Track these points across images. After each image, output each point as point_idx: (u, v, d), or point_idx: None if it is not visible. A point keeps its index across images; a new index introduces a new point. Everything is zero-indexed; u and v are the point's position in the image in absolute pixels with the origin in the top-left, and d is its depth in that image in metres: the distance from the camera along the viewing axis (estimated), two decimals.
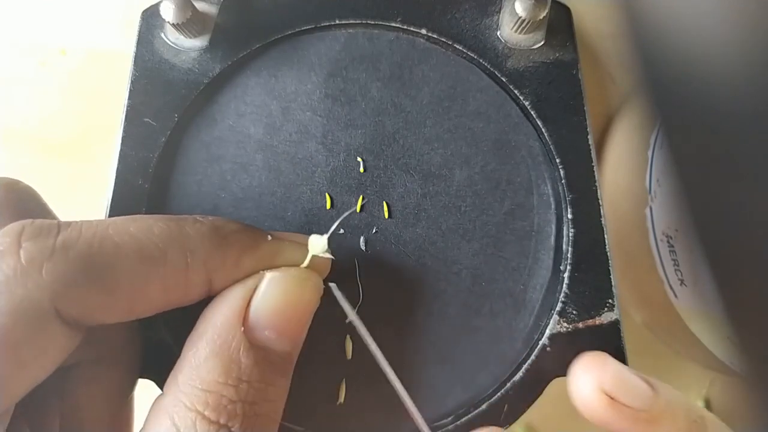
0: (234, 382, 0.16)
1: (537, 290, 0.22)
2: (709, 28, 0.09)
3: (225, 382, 0.16)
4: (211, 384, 0.16)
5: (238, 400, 0.16)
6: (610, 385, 0.18)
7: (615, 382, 0.18)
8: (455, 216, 0.22)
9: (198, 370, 0.16)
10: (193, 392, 0.16)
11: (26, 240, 0.15)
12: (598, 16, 0.31)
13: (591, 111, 0.23)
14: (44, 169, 0.31)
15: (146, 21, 0.24)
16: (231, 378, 0.16)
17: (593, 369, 0.19)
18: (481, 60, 0.24)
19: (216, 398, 0.16)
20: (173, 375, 0.17)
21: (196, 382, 0.16)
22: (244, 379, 0.16)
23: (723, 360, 0.26)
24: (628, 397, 0.18)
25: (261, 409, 0.17)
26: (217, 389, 0.16)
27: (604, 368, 0.18)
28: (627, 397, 0.18)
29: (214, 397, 0.16)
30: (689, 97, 0.09)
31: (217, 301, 0.18)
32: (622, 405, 0.18)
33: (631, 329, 0.19)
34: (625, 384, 0.18)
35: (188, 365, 0.16)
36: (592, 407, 0.18)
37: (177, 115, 0.22)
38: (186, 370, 0.16)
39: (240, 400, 0.16)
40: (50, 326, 0.15)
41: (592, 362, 0.19)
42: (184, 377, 0.16)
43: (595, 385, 0.18)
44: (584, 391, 0.18)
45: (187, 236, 0.17)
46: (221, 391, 0.16)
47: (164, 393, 0.17)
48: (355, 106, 0.23)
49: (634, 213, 0.27)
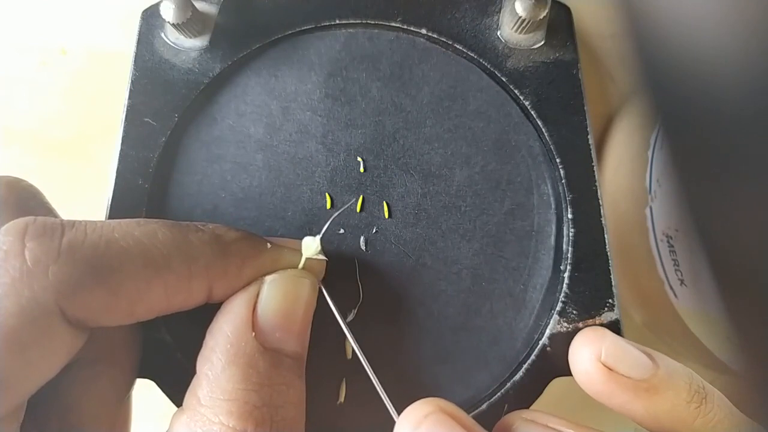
0: (255, 387, 0.16)
1: (537, 290, 0.22)
2: (710, 28, 0.09)
3: (246, 388, 0.16)
4: (233, 392, 0.16)
5: (263, 405, 0.16)
6: (608, 355, 0.18)
7: (614, 352, 0.18)
8: (455, 216, 0.22)
9: (217, 381, 0.16)
10: (215, 404, 0.16)
11: (30, 240, 0.15)
12: (599, 16, 0.31)
13: (591, 111, 0.23)
14: (44, 169, 0.31)
15: (146, 21, 0.24)
16: (251, 383, 0.16)
17: (592, 341, 0.19)
18: (481, 60, 0.24)
19: (240, 406, 0.16)
20: (191, 392, 0.17)
21: (217, 393, 0.16)
22: (265, 383, 0.16)
23: (723, 360, 0.26)
24: (627, 367, 0.18)
25: (287, 412, 0.17)
26: (240, 396, 0.16)
27: (603, 340, 0.18)
28: (626, 367, 0.18)
29: (238, 405, 0.16)
30: (689, 98, 0.09)
31: (222, 314, 0.18)
32: (621, 376, 0.18)
33: (631, 329, 0.19)
34: (623, 354, 0.18)
35: (206, 379, 0.16)
36: (592, 379, 0.18)
37: (177, 115, 0.22)
38: (204, 384, 0.16)
39: (265, 405, 0.16)
40: (56, 327, 0.15)
41: (591, 335, 0.19)
42: (203, 391, 0.16)
43: (594, 357, 0.18)
44: (584, 363, 0.18)
45: (191, 244, 0.17)
46: (244, 398, 0.16)
47: (183, 410, 0.17)
48: (355, 106, 0.23)
49: (634, 213, 0.27)
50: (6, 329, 0.14)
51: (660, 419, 0.18)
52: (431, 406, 0.16)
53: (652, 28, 0.10)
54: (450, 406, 0.17)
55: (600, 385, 0.18)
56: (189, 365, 0.19)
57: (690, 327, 0.26)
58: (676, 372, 0.18)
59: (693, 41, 0.09)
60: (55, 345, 0.15)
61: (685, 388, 0.18)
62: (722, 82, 0.09)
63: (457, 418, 0.16)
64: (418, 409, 0.16)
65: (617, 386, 0.18)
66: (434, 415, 0.16)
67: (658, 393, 0.17)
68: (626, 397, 0.18)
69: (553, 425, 0.17)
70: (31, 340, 0.15)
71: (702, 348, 0.26)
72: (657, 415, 0.18)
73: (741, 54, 0.09)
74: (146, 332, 0.20)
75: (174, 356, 0.20)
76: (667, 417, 0.17)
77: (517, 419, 0.18)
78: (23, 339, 0.14)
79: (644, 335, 0.30)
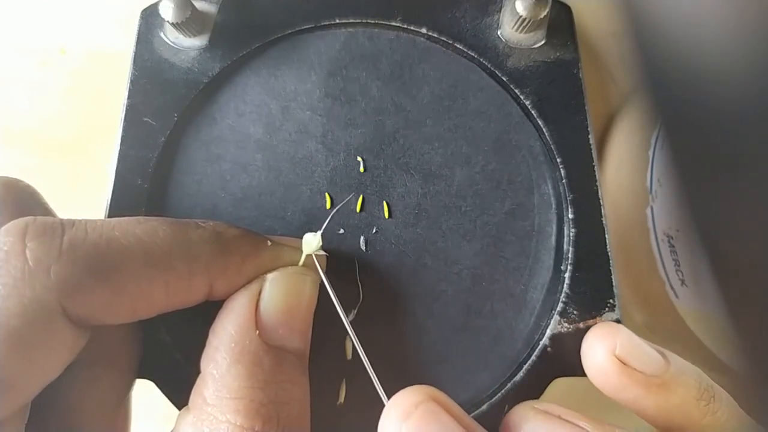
0: (261, 384, 0.16)
1: (538, 290, 0.22)
2: (711, 28, 0.09)
3: (252, 385, 0.16)
4: (239, 390, 0.16)
5: (269, 402, 0.16)
6: (622, 349, 0.18)
7: (628, 347, 0.18)
8: (456, 216, 0.22)
9: (223, 380, 0.16)
10: (221, 403, 0.16)
11: (31, 240, 0.15)
12: (599, 15, 0.31)
13: (592, 110, 0.23)
14: (44, 169, 0.31)
15: (145, 20, 0.24)
16: (257, 380, 0.16)
17: (606, 336, 0.19)
18: (481, 59, 0.24)
19: (247, 404, 0.16)
20: (196, 392, 0.17)
21: (222, 392, 0.16)
22: (270, 381, 0.16)
23: (723, 360, 0.26)
24: (640, 363, 0.18)
25: (293, 409, 0.17)
26: (246, 395, 0.16)
27: (618, 335, 0.18)
28: (639, 363, 0.18)
29: (245, 403, 0.16)
30: (690, 97, 0.09)
31: (225, 313, 0.18)
32: (634, 370, 0.18)
33: (632, 329, 0.19)
34: (637, 349, 0.18)
35: (211, 378, 0.16)
36: (605, 373, 0.18)
37: (176, 115, 0.22)
38: (210, 383, 0.16)
39: (271, 402, 0.16)
40: (59, 326, 0.15)
41: (605, 330, 0.19)
42: (209, 390, 0.16)
43: (608, 351, 0.18)
44: (597, 356, 0.18)
45: (191, 242, 0.17)
46: (250, 396, 0.16)
47: (188, 409, 0.17)
48: (355, 106, 0.23)
49: (635, 213, 0.27)
50: (9, 330, 0.14)
51: (670, 416, 0.18)
52: (421, 394, 0.16)
53: (652, 27, 0.10)
54: (440, 395, 0.16)
55: (613, 378, 0.18)
56: (188, 366, 0.19)
57: (691, 327, 0.26)
58: (686, 370, 0.18)
59: (694, 40, 0.09)
60: (58, 344, 0.15)
61: (695, 386, 0.18)
62: (723, 81, 0.09)
63: (447, 408, 0.16)
64: (406, 397, 0.16)
65: (630, 381, 0.18)
66: (425, 405, 0.16)
67: (669, 389, 0.18)
68: (638, 392, 0.18)
69: (566, 417, 0.17)
70: (34, 341, 0.15)
71: (703, 348, 0.26)
72: (667, 411, 0.18)
73: (742, 53, 0.08)
74: (146, 333, 0.20)
75: (174, 357, 0.20)
76: (677, 413, 0.18)
77: (530, 410, 0.18)
78: (27, 339, 0.14)
79: (645, 335, 0.30)
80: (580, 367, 0.20)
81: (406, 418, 0.16)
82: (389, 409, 0.16)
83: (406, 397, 0.16)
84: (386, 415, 0.16)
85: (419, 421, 0.16)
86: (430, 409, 0.16)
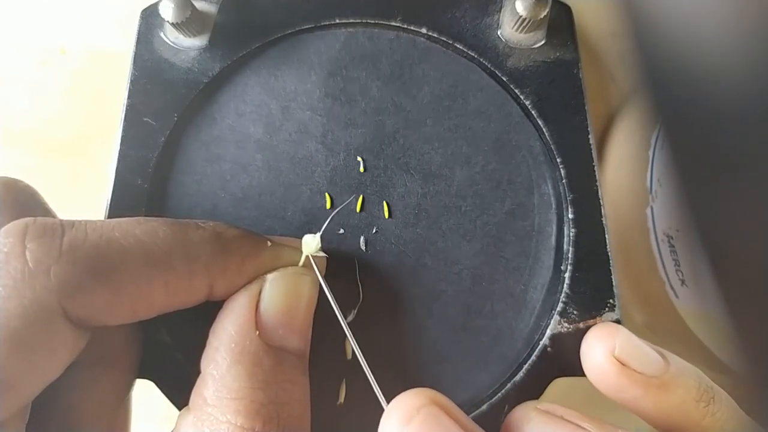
0: (261, 385, 0.16)
1: (538, 290, 0.22)
2: (711, 28, 0.09)
3: (252, 386, 0.16)
4: (239, 391, 0.16)
5: (269, 402, 0.16)
6: (621, 350, 0.18)
7: (627, 347, 0.18)
8: (456, 216, 0.22)
9: (223, 380, 0.16)
10: (222, 403, 0.16)
11: (31, 241, 0.15)
12: (599, 15, 0.31)
13: (592, 110, 0.23)
14: (44, 169, 0.31)
15: (145, 20, 0.24)
16: (257, 381, 0.16)
17: (605, 336, 0.19)
18: (481, 59, 0.24)
19: (247, 404, 0.16)
20: (197, 392, 0.17)
21: (223, 392, 0.16)
22: (270, 381, 0.16)
23: (723, 360, 0.26)
24: (639, 363, 0.18)
25: (293, 409, 0.17)
26: (246, 395, 0.16)
27: (617, 335, 0.18)
28: (638, 363, 0.18)
29: (245, 404, 0.16)
30: (690, 97, 0.09)
31: (225, 313, 0.18)
32: (633, 371, 0.18)
33: (632, 329, 0.19)
34: (636, 350, 0.18)
35: (211, 379, 0.16)
36: (604, 374, 0.18)
37: (176, 115, 0.22)
38: (210, 384, 0.16)
39: (271, 402, 0.16)
40: (59, 327, 0.15)
41: (604, 331, 0.19)
42: (209, 391, 0.16)
43: (607, 351, 0.18)
44: (597, 357, 0.18)
45: (191, 242, 0.17)
46: (251, 396, 0.16)
47: (189, 410, 0.17)
48: (355, 106, 0.23)
49: (635, 213, 0.27)
50: (10, 331, 0.14)
51: (669, 416, 0.18)
52: (422, 397, 0.16)
53: (652, 27, 0.10)
54: (441, 398, 0.16)
55: (612, 379, 0.18)
56: (189, 366, 0.19)
57: (691, 327, 0.26)
58: (686, 370, 0.18)
59: (694, 40, 0.09)
60: (58, 345, 0.15)
61: (695, 387, 0.18)
62: (723, 81, 0.09)
63: (449, 411, 0.16)
64: (408, 400, 0.16)
65: (629, 381, 0.18)
66: (426, 409, 0.16)
67: (668, 390, 0.17)
68: (637, 393, 0.18)
69: (568, 417, 0.17)
70: (35, 342, 0.15)
71: (703, 348, 0.26)
72: (666, 412, 0.18)
73: (742, 53, 0.08)
74: (146, 333, 0.20)
75: (174, 357, 0.20)
76: (677, 414, 0.18)
77: (532, 410, 0.18)
78: (27, 340, 0.14)
79: (645, 335, 0.30)
80: (580, 367, 0.20)
81: (408, 422, 0.16)
82: (390, 412, 0.16)
83: (407, 401, 0.16)
84: (387, 418, 0.16)
85: (421, 425, 0.15)
86: (432, 413, 0.16)
